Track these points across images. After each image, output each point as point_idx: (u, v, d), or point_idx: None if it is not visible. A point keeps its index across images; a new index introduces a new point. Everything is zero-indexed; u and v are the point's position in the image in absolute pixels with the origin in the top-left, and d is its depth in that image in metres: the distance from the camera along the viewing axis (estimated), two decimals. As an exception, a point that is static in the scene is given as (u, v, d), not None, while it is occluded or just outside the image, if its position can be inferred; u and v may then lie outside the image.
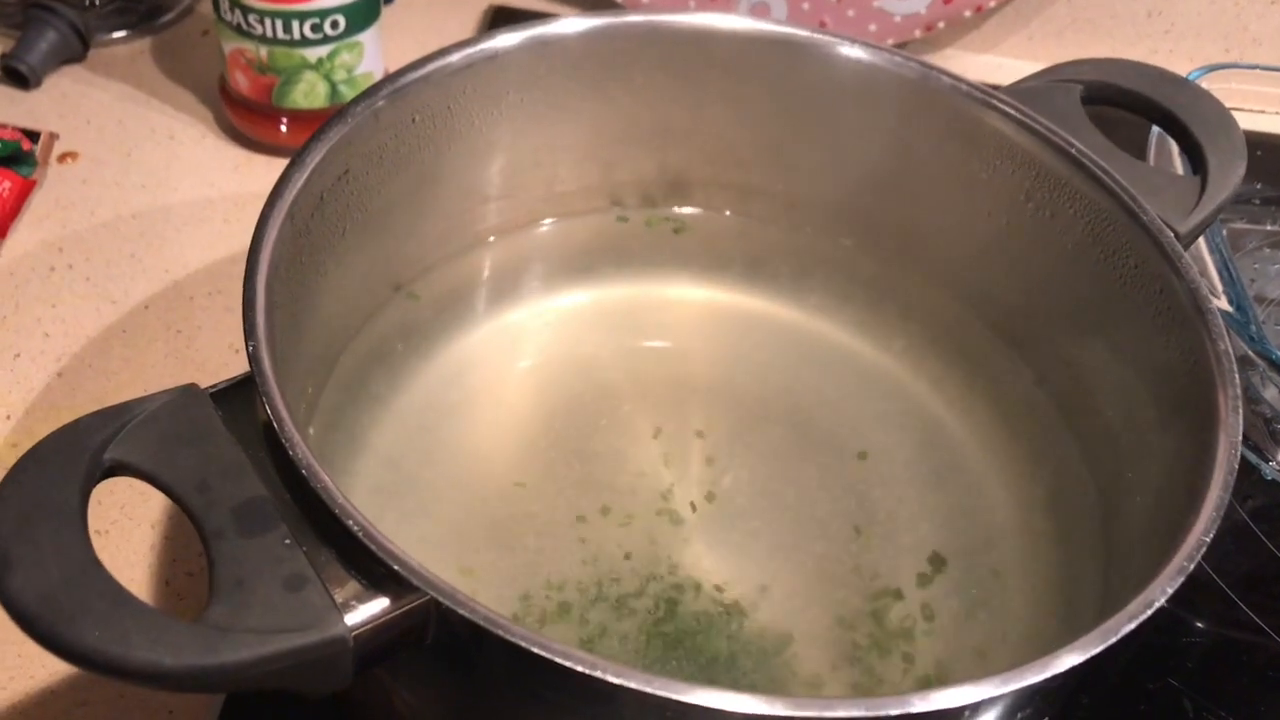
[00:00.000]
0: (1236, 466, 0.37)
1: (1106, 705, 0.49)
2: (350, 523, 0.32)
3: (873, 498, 0.48)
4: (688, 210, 0.57)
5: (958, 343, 0.54)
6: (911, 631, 0.44)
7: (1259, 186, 0.73)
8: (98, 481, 0.33)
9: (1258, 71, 0.72)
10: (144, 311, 0.59)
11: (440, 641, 0.33)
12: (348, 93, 0.65)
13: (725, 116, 0.54)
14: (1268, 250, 0.70)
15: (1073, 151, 0.48)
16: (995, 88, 0.50)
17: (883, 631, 0.44)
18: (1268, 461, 0.58)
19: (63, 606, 0.29)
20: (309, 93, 0.65)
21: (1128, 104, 0.52)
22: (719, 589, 0.44)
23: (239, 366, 0.36)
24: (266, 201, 0.40)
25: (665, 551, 0.45)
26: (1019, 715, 0.36)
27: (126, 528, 0.50)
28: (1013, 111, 0.49)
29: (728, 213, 0.57)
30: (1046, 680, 0.31)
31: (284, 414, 0.34)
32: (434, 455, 0.48)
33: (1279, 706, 0.50)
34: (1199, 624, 0.53)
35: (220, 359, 0.57)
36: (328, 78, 0.65)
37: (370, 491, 0.46)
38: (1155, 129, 0.60)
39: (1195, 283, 0.43)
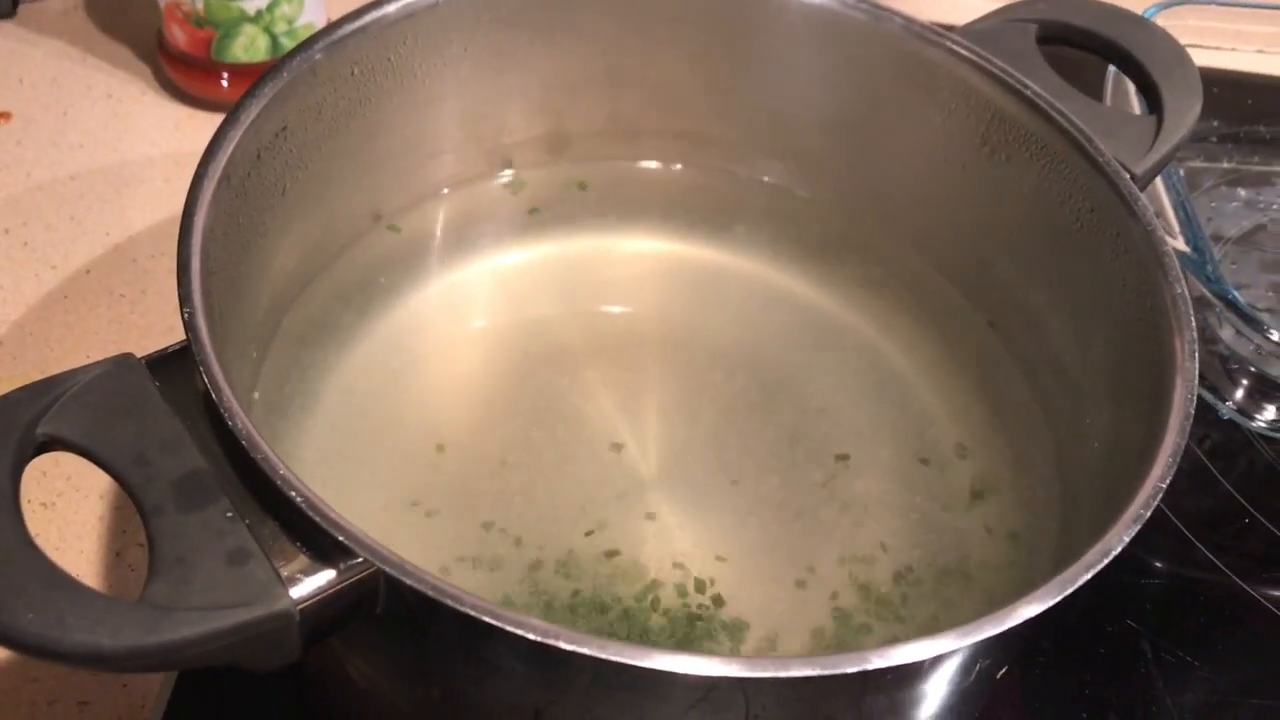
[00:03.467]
0: (1193, 413, 0.37)
1: (1066, 648, 0.49)
2: (293, 494, 0.31)
3: (830, 447, 0.48)
4: (641, 164, 0.56)
5: (913, 289, 0.53)
6: (874, 582, 0.44)
7: (1215, 124, 0.72)
8: (30, 459, 0.32)
9: (1213, 7, 0.72)
10: (85, 276, 0.57)
11: (390, 611, 0.32)
12: (289, 45, 0.63)
13: (675, 63, 0.53)
14: (1224, 188, 0.70)
15: (1028, 93, 0.47)
16: (949, 28, 0.50)
17: (850, 581, 0.44)
18: (1224, 401, 0.58)
19: (-6, 589, 0.29)
20: (249, 46, 0.63)
21: (1083, 43, 0.51)
22: (679, 549, 0.44)
23: (186, 331, 0.35)
24: (200, 162, 0.39)
25: (623, 509, 0.45)
26: (979, 665, 0.35)
27: (74, 499, 0.49)
28: (967, 53, 0.48)
29: (678, 166, 0.56)
30: (1004, 631, 0.31)
31: (222, 383, 0.33)
32: (384, 417, 0.47)
33: (1237, 646, 0.50)
34: (1156, 564, 0.53)
35: (166, 323, 0.56)
36: (268, 30, 0.63)
37: (317, 456, 0.45)
38: (1112, 68, 0.59)
39: (1151, 225, 0.43)
